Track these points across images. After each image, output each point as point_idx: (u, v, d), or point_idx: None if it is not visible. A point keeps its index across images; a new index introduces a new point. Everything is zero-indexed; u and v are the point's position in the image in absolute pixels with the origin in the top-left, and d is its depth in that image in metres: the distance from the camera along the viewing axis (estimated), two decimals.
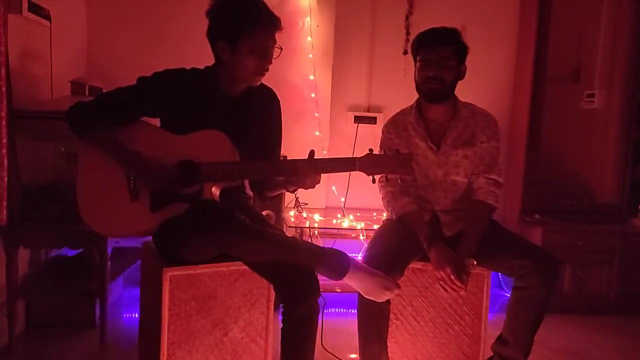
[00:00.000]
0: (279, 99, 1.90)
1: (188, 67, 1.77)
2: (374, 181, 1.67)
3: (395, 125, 2.03)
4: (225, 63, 1.70)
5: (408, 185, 1.98)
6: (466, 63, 1.95)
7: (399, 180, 1.93)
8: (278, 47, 1.71)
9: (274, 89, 1.88)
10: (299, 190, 1.83)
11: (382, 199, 2.03)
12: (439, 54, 1.88)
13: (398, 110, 2.10)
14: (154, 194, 1.66)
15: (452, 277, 1.76)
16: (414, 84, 2.00)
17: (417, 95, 2.03)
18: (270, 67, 1.72)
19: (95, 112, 1.70)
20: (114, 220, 1.68)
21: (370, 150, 1.66)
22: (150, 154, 1.67)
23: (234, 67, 1.69)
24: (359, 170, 1.64)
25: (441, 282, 1.80)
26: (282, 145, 1.93)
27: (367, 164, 1.63)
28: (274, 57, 1.71)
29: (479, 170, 1.95)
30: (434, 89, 1.90)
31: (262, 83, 1.80)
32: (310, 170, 1.62)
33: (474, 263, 1.81)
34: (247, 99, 1.78)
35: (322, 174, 1.68)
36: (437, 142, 1.96)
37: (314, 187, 1.67)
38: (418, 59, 1.94)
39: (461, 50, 1.92)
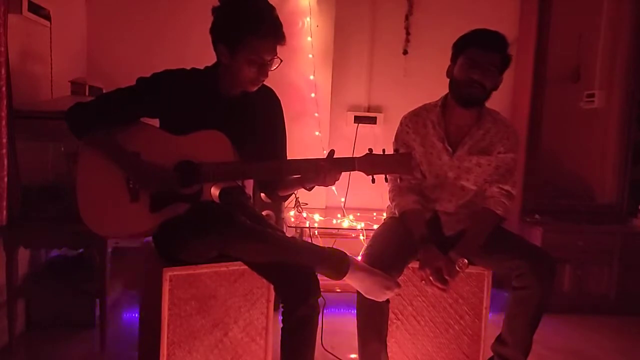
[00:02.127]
0: (279, 99, 1.89)
1: (188, 68, 1.76)
2: (373, 181, 1.66)
3: (415, 121, 1.99)
4: (224, 65, 1.70)
5: (417, 182, 1.98)
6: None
7: (398, 180, 1.93)
8: (278, 59, 1.69)
9: (274, 89, 1.88)
10: (299, 190, 1.83)
11: (389, 191, 2.02)
12: (488, 59, 1.82)
13: (397, 110, 2.09)
14: (153, 194, 1.65)
15: (430, 278, 1.77)
16: (414, 84, 1.98)
17: (417, 95, 2.02)
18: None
19: (95, 113, 1.70)
20: (114, 220, 1.67)
21: (370, 150, 1.65)
22: (149, 155, 1.67)
23: (231, 72, 1.69)
24: (359, 170, 1.64)
25: (423, 282, 1.82)
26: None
27: (366, 164, 1.63)
28: (272, 68, 1.69)
29: (493, 179, 1.93)
30: (473, 92, 1.84)
31: (263, 85, 1.79)
32: (323, 170, 1.61)
33: (466, 263, 1.81)
34: (246, 99, 1.77)
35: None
36: (454, 145, 1.94)
37: (334, 184, 1.66)
38: (464, 57, 1.84)
39: (506, 61, 1.87)
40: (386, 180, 1.99)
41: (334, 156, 1.65)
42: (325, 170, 1.61)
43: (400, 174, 1.68)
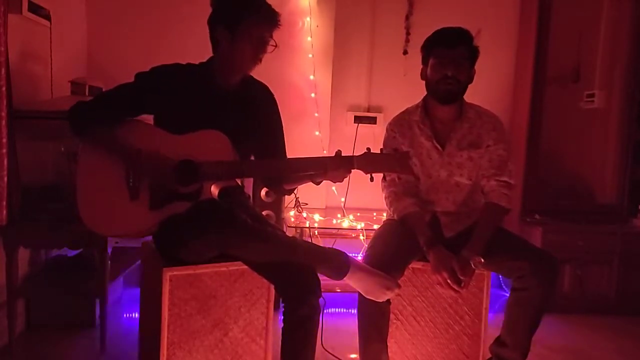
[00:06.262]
0: (279, 98, 1.90)
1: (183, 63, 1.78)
2: (372, 179, 1.66)
3: (400, 124, 2.02)
4: (221, 49, 1.72)
5: (411, 185, 1.98)
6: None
7: (397, 179, 1.93)
8: (273, 44, 1.73)
9: (274, 89, 1.89)
10: (298, 190, 1.83)
11: (385, 198, 2.02)
12: (456, 54, 1.86)
13: (397, 110, 2.09)
14: (153, 192, 1.65)
15: (448, 281, 1.76)
16: (414, 84, 1.99)
17: (417, 95, 2.02)
18: (271, 67, 1.73)
19: (95, 111, 1.71)
20: (113, 219, 1.67)
21: (368, 149, 1.66)
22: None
23: (230, 54, 1.71)
24: (357, 169, 1.64)
25: (438, 285, 1.81)
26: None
27: (365, 162, 1.64)
28: (268, 51, 1.73)
29: (490, 173, 1.94)
30: (451, 89, 1.88)
31: (257, 80, 1.82)
32: (330, 168, 1.64)
33: (481, 261, 1.78)
34: (243, 92, 1.79)
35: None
36: (442, 141, 1.95)
37: (342, 180, 1.69)
38: (434, 57, 1.89)
39: (474, 53, 1.91)
40: (384, 178, 1.99)
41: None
42: (332, 168, 1.64)
43: (398, 173, 1.68)
